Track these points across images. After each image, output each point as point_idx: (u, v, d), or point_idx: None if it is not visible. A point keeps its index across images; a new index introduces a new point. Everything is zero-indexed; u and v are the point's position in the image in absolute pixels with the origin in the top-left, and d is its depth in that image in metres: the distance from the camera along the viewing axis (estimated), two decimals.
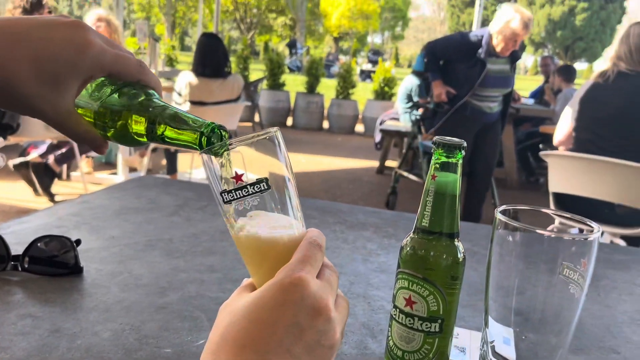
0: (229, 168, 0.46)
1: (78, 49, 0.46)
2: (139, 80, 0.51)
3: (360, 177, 5.66)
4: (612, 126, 2.49)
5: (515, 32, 3.45)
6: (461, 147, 0.56)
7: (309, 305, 0.41)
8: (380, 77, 8.81)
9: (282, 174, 0.47)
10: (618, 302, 0.89)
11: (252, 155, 0.46)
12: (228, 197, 0.46)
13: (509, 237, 0.53)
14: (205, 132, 0.48)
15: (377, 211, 1.28)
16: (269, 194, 0.46)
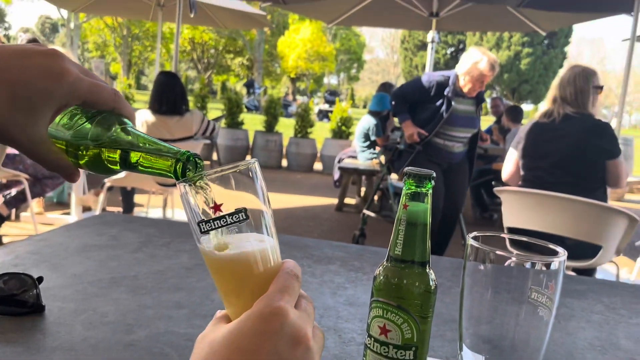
0: (207, 197, 0.47)
1: (54, 77, 0.46)
2: (114, 108, 0.51)
3: (320, 215, 5.68)
4: (560, 164, 2.62)
5: (482, 73, 3.58)
6: (430, 178, 0.58)
7: (289, 334, 0.41)
8: (338, 116, 8.98)
9: (260, 205, 0.48)
10: (577, 330, 0.93)
11: (230, 185, 0.47)
12: (206, 227, 0.46)
13: (479, 266, 0.55)
14: (182, 160, 0.48)
15: (343, 245, 1.30)
16: (247, 224, 0.46)
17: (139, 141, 0.49)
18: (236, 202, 0.46)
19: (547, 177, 2.63)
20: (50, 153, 0.49)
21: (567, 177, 2.59)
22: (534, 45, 32.87)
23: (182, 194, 0.48)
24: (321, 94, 38.69)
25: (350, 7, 7.11)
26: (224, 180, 0.46)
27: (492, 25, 8.89)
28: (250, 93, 26.51)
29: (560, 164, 2.61)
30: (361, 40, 45.95)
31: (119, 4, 8.07)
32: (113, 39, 32.34)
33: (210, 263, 0.48)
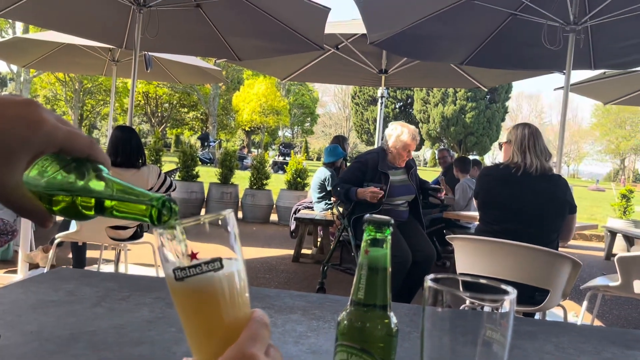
0: (183, 244, 0.49)
1: (31, 125, 0.47)
2: (89, 155, 0.51)
3: (276, 266, 5.63)
4: (526, 217, 2.74)
5: (406, 144, 3.92)
6: (389, 224, 0.63)
7: None
8: (293, 168, 9.08)
9: (234, 254, 0.50)
10: None
11: (206, 234, 0.49)
12: (181, 274, 0.48)
13: (437, 308, 0.58)
14: (156, 206, 0.49)
15: (304, 294, 1.31)
16: (221, 272, 0.49)
17: (114, 187, 0.50)
18: (211, 250, 0.48)
19: (514, 228, 2.72)
20: (23, 199, 0.49)
21: (531, 228, 2.71)
22: (477, 100, 34.71)
23: (159, 237, 0.49)
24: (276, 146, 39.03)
25: (303, 64, 7.36)
26: (201, 229, 0.49)
27: (437, 81, 9.38)
28: (205, 146, 26.45)
29: (526, 216, 2.73)
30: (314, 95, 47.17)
31: (71, 60, 8.03)
32: (64, 93, 31.83)
33: (182, 296, 0.49)
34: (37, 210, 0.50)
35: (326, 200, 5.95)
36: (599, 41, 5.10)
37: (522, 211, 2.73)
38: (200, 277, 0.47)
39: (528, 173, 2.74)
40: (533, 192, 2.73)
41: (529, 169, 2.74)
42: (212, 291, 0.48)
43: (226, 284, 0.48)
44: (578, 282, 3.26)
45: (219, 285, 0.48)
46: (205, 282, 0.48)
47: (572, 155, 61.79)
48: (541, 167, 2.74)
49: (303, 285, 4.88)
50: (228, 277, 0.48)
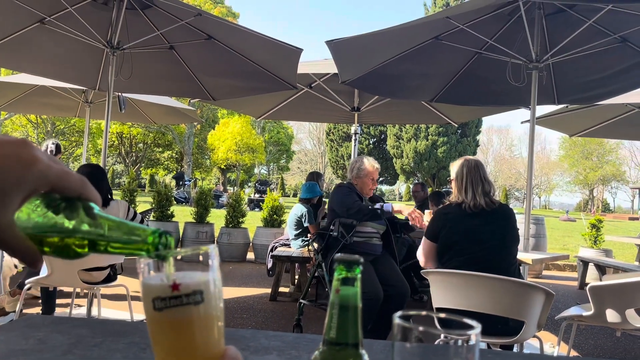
0: (167, 275, 0.49)
1: (24, 164, 0.48)
2: (81, 194, 0.52)
3: (254, 305, 5.55)
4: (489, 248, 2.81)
5: (368, 171, 4.05)
6: (359, 263, 0.65)
7: None
8: (269, 205, 9.06)
9: (215, 288, 0.51)
10: None
11: (190, 267, 0.50)
12: (160, 305, 0.48)
13: (406, 344, 0.60)
14: (154, 239, 0.51)
15: (280, 334, 1.31)
16: (201, 306, 0.49)
17: (107, 225, 0.51)
18: (193, 283, 0.49)
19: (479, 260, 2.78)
20: (15, 239, 0.49)
21: (492, 260, 2.77)
22: (449, 134, 35.47)
23: (142, 267, 0.50)
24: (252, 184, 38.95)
25: (277, 102, 7.47)
26: (184, 261, 0.50)
27: (409, 118, 9.58)
28: (180, 185, 26.24)
29: (485, 249, 2.80)
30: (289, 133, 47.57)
31: (44, 102, 7.97)
32: (36, 135, 31.42)
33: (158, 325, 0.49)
34: (28, 251, 0.50)
35: (303, 237, 5.94)
36: (561, 77, 5.33)
37: (480, 244, 2.80)
38: (179, 309, 0.48)
39: (477, 208, 2.86)
40: (486, 224, 2.83)
41: (476, 204, 2.85)
42: (190, 324, 0.49)
43: (204, 317, 0.49)
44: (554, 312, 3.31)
45: (197, 318, 0.49)
46: (184, 314, 0.48)
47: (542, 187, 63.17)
48: (486, 200, 2.85)
49: (281, 324, 4.81)
50: (207, 311, 0.49)
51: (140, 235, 0.51)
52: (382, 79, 5.34)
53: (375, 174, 4.10)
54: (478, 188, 2.87)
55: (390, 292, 3.78)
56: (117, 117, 8.84)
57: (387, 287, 3.78)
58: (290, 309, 5.44)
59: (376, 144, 42.26)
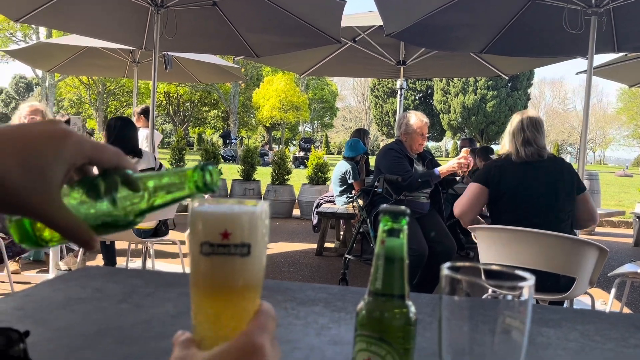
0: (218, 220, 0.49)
1: (59, 139, 0.48)
2: (117, 165, 0.52)
3: (300, 260, 5.66)
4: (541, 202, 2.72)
5: (417, 127, 3.91)
6: (405, 214, 0.63)
7: None
8: (314, 163, 9.10)
9: (263, 244, 0.51)
10: (554, 357, 0.96)
11: (242, 218, 0.50)
12: (208, 250, 0.48)
13: (454, 297, 0.58)
14: (198, 175, 0.51)
15: (325, 287, 1.32)
16: (247, 258, 0.49)
17: (152, 185, 0.52)
18: (243, 235, 0.49)
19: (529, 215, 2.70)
20: (65, 216, 0.49)
21: (542, 214, 2.69)
22: (499, 88, 34.17)
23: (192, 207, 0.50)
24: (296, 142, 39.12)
25: (321, 58, 7.35)
26: (238, 212, 0.50)
27: (457, 71, 9.25)
28: (226, 144, 26.68)
29: (536, 203, 2.71)
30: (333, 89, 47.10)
31: (93, 63, 8.17)
32: (88, 96, 32.43)
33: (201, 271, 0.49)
34: (80, 229, 0.50)
35: (347, 194, 5.95)
36: (623, 23, 4.97)
37: (532, 198, 2.71)
38: (226, 258, 0.48)
39: (530, 160, 2.75)
40: (537, 177, 2.72)
41: (530, 157, 2.74)
42: (234, 275, 0.49)
43: (249, 270, 0.49)
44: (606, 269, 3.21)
45: (242, 270, 0.49)
46: (229, 264, 0.48)
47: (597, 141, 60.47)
48: (540, 153, 2.75)
49: (327, 278, 4.90)
50: (252, 264, 0.49)
51: (183, 176, 0.51)
52: (429, 30, 5.14)
53: (425, 129, 3.96)
54: (532, 141, 2.76)
55: (437, 249, 3.75)
56: (163, 77, 8.97)
57: (434, 243, 3.75)
58: (335, 263, 5.53)
59: (422, 99, 41.32)
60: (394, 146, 4.00)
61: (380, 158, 4.04)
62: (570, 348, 1.01)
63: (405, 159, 3.88)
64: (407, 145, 3.97)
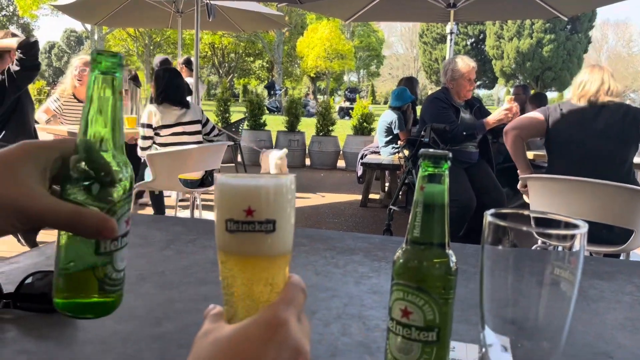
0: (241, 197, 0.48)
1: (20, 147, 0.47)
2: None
3: (344, 211, 5.68)
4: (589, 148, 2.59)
5: (464, 72, 3.73)
6: (446, 158, 0.58)
7: (292, 346, 0.42)
8: (359, 113, 8.96)
9: (289, 218, 0.49)
10: (607, 310, 0.91)
11: (269, 194, 0.48)
12: (232, 227, 0.47)
13: (498, 245, 0.54)
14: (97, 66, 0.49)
15: (366, 236, 1.30)
16: (272, 234, 0.48)
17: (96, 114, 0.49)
18: (268, 211, 0.48)
19: (585, 163, 2.59)
20: (64, 205, 0.47)
21: (606, 162, 2.57)
22: (557, 31, 32.18)
23: (217, 185, 0.49)
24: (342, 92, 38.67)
25: (366, 2, 7.07)
26: (263, 187, 0.48)
27: (511, 13, 8.71)
28: (271, 95, 26.70)
29: (598, 148, 2.59)
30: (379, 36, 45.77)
31: (138, 15, 8.20)
32: (136, 48, 32.89)
33: (226, 247, 0.49)
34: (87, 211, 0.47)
35: (393, 144, 5.85)
36: None
37: (589, 144, 2.57)
38: (250, 235, 0.47)
39: (591, 105, 2.61)
40: (597, 123, 2.58)
41: (592, 103, 2.60)
42: (259, 251, 0.48)
43: (274, 246, 0.49)
44: None
45: (267, 246, 0.48)
46: (254, 240, 0.48)
47: None
48: (602, 100, 2.59)
49: (371, 229, 4.91)
50: (277, 240, 0.48)
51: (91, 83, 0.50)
52: None
53: (472, 74, 3.79)
54: (596, 86, 2.59)
55: (485, 201, 3.66)
56: (206, 26, 8.90)
57: (482, 195, 3.66)
58: (380, 215, 5.51)
59: (474, 44, 39.61)
60: (440, 95, 3.86)
61: (425, 108, 3.92)
62: (625, 302, 0.96)
63: (450, 109, 3.74)
64: (453, 93, 3.82)
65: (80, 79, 4.42)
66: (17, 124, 3.56)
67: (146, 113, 3.77)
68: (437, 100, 3.82)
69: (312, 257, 1.11)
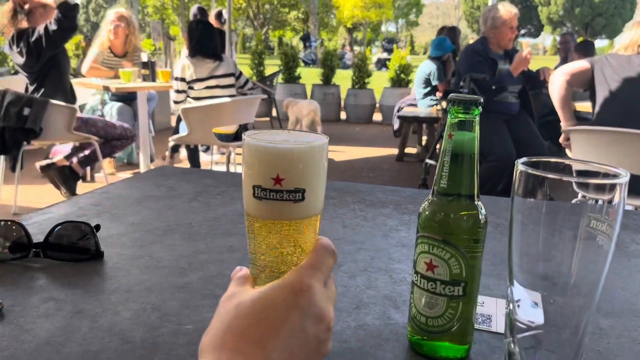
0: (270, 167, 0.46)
1: None
2: None
3: (380, 166, 5.63)
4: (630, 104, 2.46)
5: (505, 19, 3.56)
6: (477, 104, 0.54)
7: (315, 312, 0.42)
8: (396, 64, 8.73)
9: (318, 187, 0.47)
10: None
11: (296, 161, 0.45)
12: (260, 194, 0.46)
13: (529, 195, 0.50)
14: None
15: (397, 189, 1.27)
16: (301, 204, 0.46)
17: None
18: (297, 180, 0.46)
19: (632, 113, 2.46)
20: None
21: None
22: None
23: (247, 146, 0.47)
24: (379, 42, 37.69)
25: None
26: (293, 153, 0.45)
27: None
28: (306, 47, 26.30)
29: None
30: None
31: None
32: (171, 2, 32.73)
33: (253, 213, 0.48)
34: None
35: (431, 96, 5.69)
36: None
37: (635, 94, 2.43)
38: (278, 203, 0.46)
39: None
40: None
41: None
42: (286, 217, 0.47)
43: (303, 212, 0.47)
44: None
45: (295, 213, 0.47)
46: (282, 208, 0.46)
47: None
48: None
49: (407, 184, 4.85)
50: (306, 207, 0.47)
51: None
52: None
53: (514, 21, 3.61)
54: None
55: (525, 154, 3.54)
56: None
57: (522, 148, 3.54)
58: (417, 169, 5.43)
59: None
60: (477, 47, 3.70)
61: (461, 60, 3.80)
62: None
63: (486, 63, 3.60)
64: (493, 43, 3.66)
65: (115, 32, 4.43)
66: (54, 80, 3.62)
67: (179, 66, 3.77)
68: (473, 52, 3.69)
69: (341, 210, 1.09)
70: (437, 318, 0.57)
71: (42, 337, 0.58)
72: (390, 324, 0.65)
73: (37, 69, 3.54)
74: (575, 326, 0.52)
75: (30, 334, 0.59)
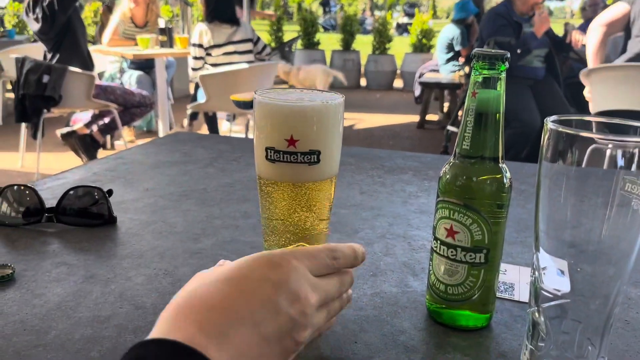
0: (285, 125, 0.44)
1: None
2: None
3: (400, 133, 5.55)
4: None
5: None
6: (504, 58, 0.50)
7: (290, 289, 0.39)
8: (418, 29, 8.51)
9: (334, 149, 0.45)
10: None
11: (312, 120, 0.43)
12: (273, 157, 0.43)
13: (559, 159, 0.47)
14: None
15: (417, 155, 1.23)
16: (315, 167, 0.44)
17: None
18: (311, 141, 0.43)
19: None
20: None
21: None
22: None
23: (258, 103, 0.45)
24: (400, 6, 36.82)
25: None
26: (307, 112, 0.43)
27: None
28: (326, 12, 25.81)
29: None
30: None
31: None
32: None
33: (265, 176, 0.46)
34: None
35: (454, 62, 5.54)
36: None
37: None
38: (292, 165, 0.44)
39: None
40: None
41: None
42: (300, 179, 0.45)
43: (318, 175, 0.45)
44: None
45: (310, 176, 0.45)
46: (296, 171, 0.44)
47: None
48: None
49: (428, 152, 4.78)
50: (321, 169, 0.45)
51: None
52: None
53: None
54: None
55: None
56: None
57: (548, 115, 3.44)
58: (438, 136, 5.34)
59: None
60: (501, 9, 3.57)
61: (483, 23, 3.67)
62: None
63: (509, 26, 3.46)
64: (518, 5, 3.52)
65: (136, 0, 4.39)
66: (69, 47, 3.60)
67: (197, 32, 3.72)
68: (496, 15, 3.56)
69: (358, 176, 1.06)
70: (457, 286, 0.55)
71: (54, 301, 0.58)
72: (407, 291, 0.63)
73: (53, 36, 3.53)
74: (605, 296, 0.49)
75: (41, 299, 0.58)
